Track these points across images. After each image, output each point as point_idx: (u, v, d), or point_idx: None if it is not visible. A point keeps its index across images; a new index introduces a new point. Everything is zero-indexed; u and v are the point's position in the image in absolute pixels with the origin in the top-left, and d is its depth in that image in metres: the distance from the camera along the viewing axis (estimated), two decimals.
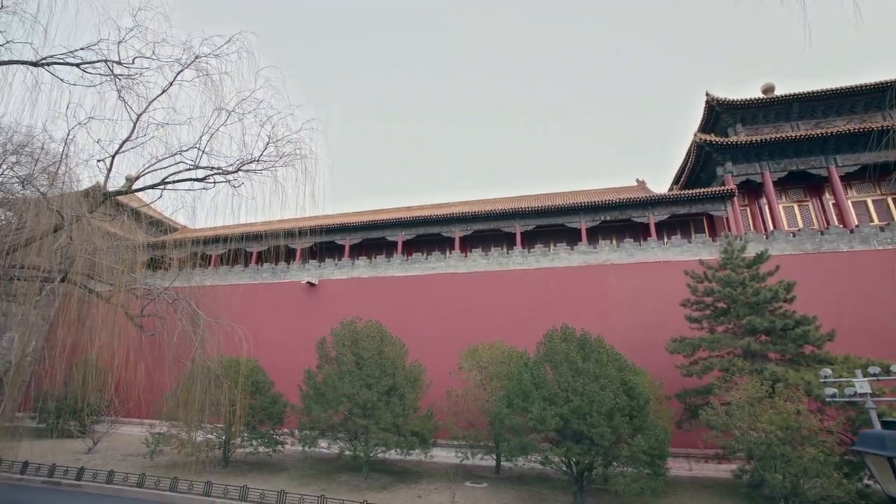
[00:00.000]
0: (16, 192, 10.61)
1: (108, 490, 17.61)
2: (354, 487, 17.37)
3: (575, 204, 27.82)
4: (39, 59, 9.73)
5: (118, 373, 10.81)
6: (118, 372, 10.78)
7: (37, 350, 15.14)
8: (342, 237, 31.36)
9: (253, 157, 10.02)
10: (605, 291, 25.27)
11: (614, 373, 15.39)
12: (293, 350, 25.71)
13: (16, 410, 18.29)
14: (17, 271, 8.47)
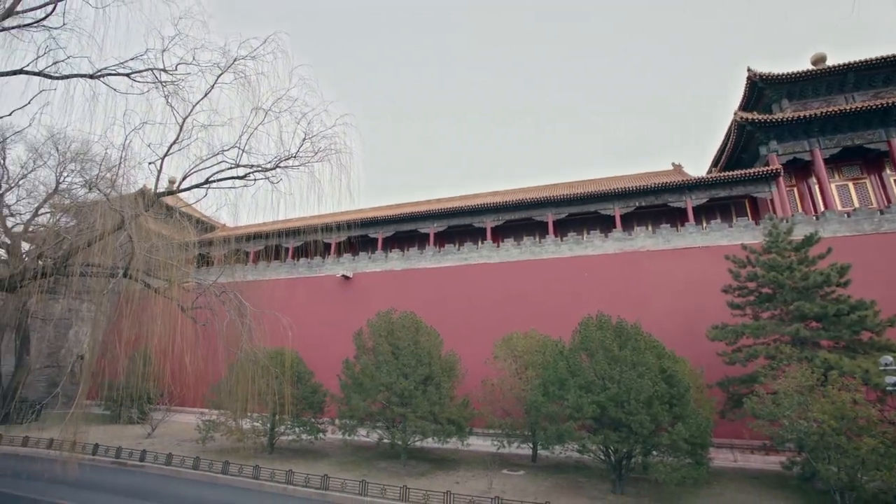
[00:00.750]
0: (79, 195, 11.48)
1: (167, 471, 18.90)
2: (394, 473, 17.88)
3: (608, 190, 27.17)
4: (96, 72, 10.46)
5: (172, 363, 11.54)
6: (172, 362, 11.51)
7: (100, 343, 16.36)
8: (375, 231, 31.94)
9: (290, 154, 10.44)
10: (641, 279, 24.66)
11: (652, 360, 15.09)
12: (330, 341, 26.55)
13: (84, 398, 19.98)
14: (88, 268, 9.22)
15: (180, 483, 17.37)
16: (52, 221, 11.85)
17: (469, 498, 14.10)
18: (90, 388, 34.11)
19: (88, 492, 15.63)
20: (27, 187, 28.72)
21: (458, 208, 30.25)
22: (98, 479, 17.58)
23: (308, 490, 15.90)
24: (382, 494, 14.96)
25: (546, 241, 27.44)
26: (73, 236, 8.93)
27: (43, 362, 36.24)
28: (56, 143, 26.18)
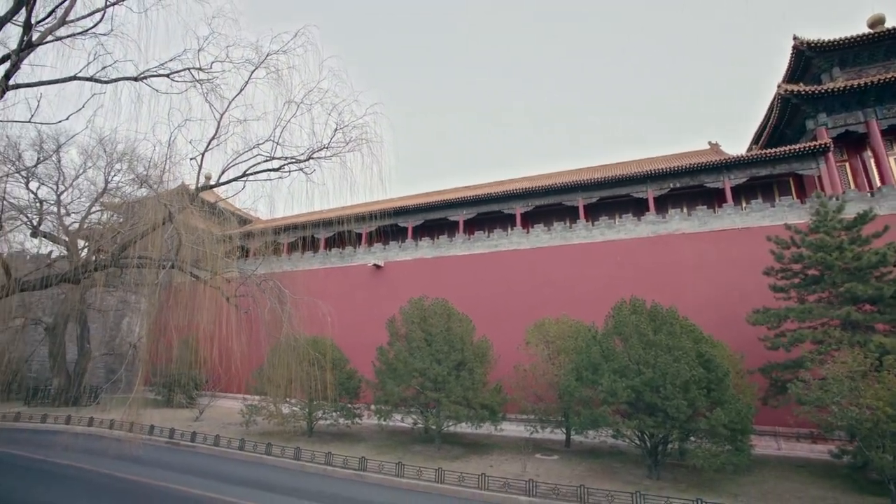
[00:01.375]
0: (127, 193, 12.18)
1: (216, 452, 20.07)
2: (428, 457, 18.31)
3: (641, 172, 26.35)
4: (139, 74, 11.00)
5: (217, 351, 12.13)
6: (217, 350, 12.09)
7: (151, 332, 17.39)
8: (404, 219, 32.24)
9: (322, 145, 10.71)
10: (677, 262, 23.94)
11: (689, 344, 14.74)
12: (362, 329, 27.18)
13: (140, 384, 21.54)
14: (140, 260, 9.85)
15: (228, 462, 18.40)
16: (107, 218, 12.65)
17: (503, 480, 14.32)
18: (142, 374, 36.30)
19: (148, 468, 16.82)
20: (80, 188, 30.65)
21: (487, 195, 30.10)
22: (155, 457, 18.87)
23: (346, 471, 16.54)
24: (418, 476, 15.38)
25: (577, 226, 27.00)
26: (125, 230, 9.53)
27: (101, 350, 38.94)
28: (104, 146, 27.75)
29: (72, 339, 35.63)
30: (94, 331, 37.98)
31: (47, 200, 28.23)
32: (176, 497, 13.61)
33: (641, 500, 12.46)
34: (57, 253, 28.79)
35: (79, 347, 35.48)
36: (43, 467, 17.02)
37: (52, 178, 28.75)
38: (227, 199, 13.29)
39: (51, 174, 28.52)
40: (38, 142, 23.92)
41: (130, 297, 38.13)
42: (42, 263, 24.03)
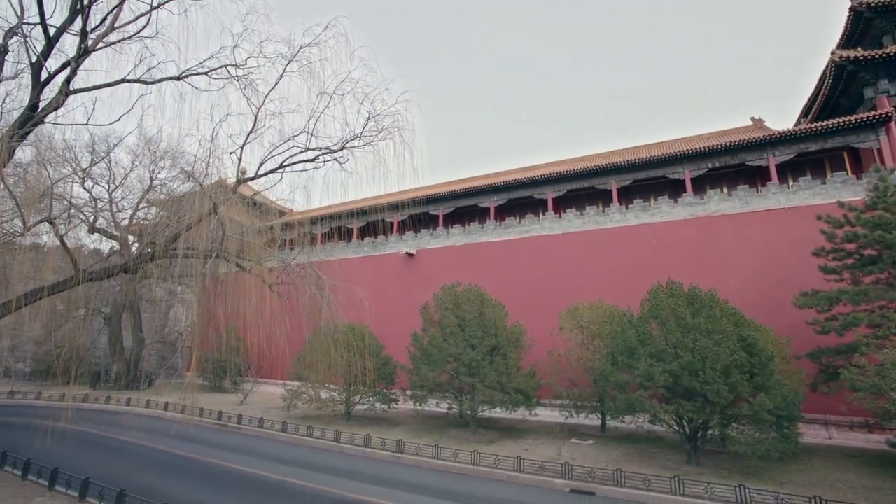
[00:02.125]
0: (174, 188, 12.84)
1: (261, 433, 21.15)
2: (464, 440, 18.63)
3: (677, 152, 25.29)
4: (181, 74, 11.51)
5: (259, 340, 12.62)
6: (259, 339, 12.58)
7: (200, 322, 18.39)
8: (435, 207, 32.36)
9: (355, 134, 10.93)
10: (716, 245, 23.03)
11: (730, 328, 14.25)
12: (395, 317, 27.70)
13: (193, 371, 23.03)
14: (188, 251, 10.44)
15: (272, 443, 19.36)
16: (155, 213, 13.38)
17: (539, 463, 14.42)
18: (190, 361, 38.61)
19: (200, 446, 17.97)
20: (128, 186, 32.52)
21: (518, 181, 29.75)
22: (206, 437, 20.11)
23: (384, 453, 17.08)
24: (454, 458, 15.71)
25: (610, 210, 26.36)
26: (173, 223, 10.11)
27: (152, 338, 41.49)
28: (149, 145, 29.28)
29: (126, 329, 38.14)
30: (145, 320, 40.48)
31: (101, 199, 30.11)
32: (226, 473, 14.49)
33: (680, 484, 12.28)
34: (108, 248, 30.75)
35: (133, 336, 37.96)
36: (109, 443, 18.48)
37: (104, 177, 30.62)
38: (262, 191, 13.74)
39: (103, 174, 30.37)
40: (91, 144, 25.43)
41: (177, 289, 40.38)
42: (98, 258, 25.78)
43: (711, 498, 11.76)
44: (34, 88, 9.37)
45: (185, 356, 43.69)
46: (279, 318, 12.62)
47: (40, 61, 9.24)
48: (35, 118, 9.14)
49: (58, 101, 9.38)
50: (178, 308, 44.38)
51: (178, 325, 44.43)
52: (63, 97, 9.35)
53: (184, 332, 43.89)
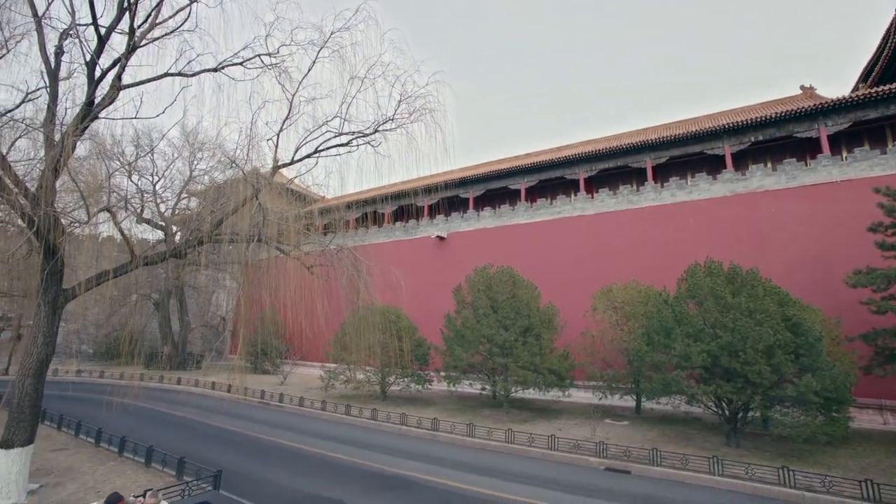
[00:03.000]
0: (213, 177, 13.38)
1: (301, 411, 22.13)
2: (497, 420, 18.91)
3: (716, 127, 24.14)
4: (218, 65, 11.88)
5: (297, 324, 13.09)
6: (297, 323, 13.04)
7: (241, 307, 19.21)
8: (465, 190, 32.33)
9: (387, 117, 11.05)
10: (759, 222, 22.04)
11: (773, 307, 13.74)
12: (427, 299, 28.10)
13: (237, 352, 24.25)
14: (231, 236, 10.97)
15: (312, 421, 20.24)
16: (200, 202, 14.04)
17: (573, 441, 14.51)
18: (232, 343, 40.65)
19: (246, 422, 19.03)
20: (170, 177, 34.08)
21: (549, 161, 29.23)
22: (250, 413, 21.26)
23: (420, 431, 17.58)
24: (488, 436, 16.01)
25: (645, 189, 25.60)
26: (217, 209, 10.61)
27: (197, 323, 43.83)
28: (188, 137, 30.50)
29: (173, 313, 40.41)
30: (190, 306, 42.76)
31: (146, 190, 31.73)
32: (272, 446, 15.33)
33: (718, 464, 12.10)
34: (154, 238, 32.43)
35: (180, 320, 40.21)
36: (165, 418, 19.86)
37: (148, 170, 32.20)
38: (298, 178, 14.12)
39: (147, 167, 31.94)
40: (136, 138, 26.71)
41: (219, 276, 42.39)
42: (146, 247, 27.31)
43: (752, 479, 11.52)
44: (89, 86, 9.95)
45: (228, 340, 46.06)
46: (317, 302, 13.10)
47: (94, 59, 9.78)
48: (91, 113, 9.74)
49: (111, 96, 9.93)
50: (219, 294, 46.63)
51: (220, 310, 46.73)
52: (115, 92, 9.89)
53: (226, 317, 46.20)
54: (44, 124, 9.89)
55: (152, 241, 30.88)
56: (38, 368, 9.61)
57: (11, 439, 9.33)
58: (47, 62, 10.49)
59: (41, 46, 10.42)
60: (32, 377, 9.51)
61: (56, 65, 10.63)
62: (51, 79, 10.30)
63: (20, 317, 20.82)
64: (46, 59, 10.45)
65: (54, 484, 10.41)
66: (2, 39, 11.10)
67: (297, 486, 11.24)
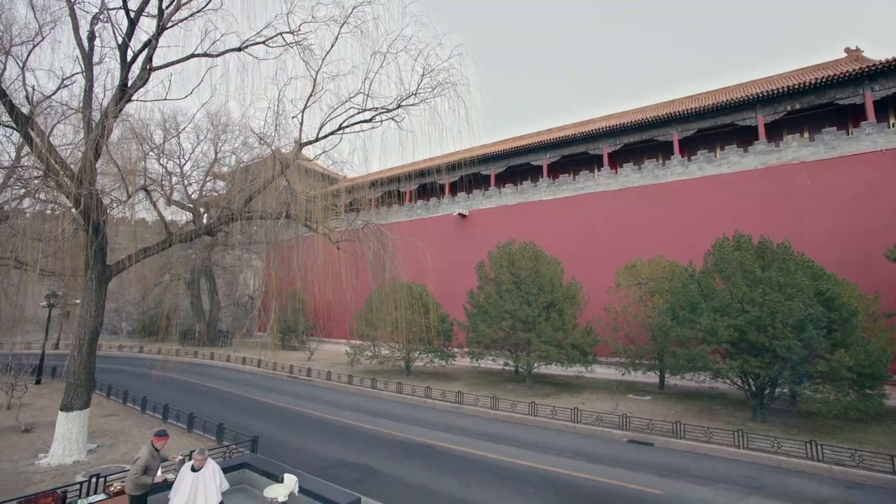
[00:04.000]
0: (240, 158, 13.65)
1: (328, 385, 22.94)
2: (520, 394, 19.21)
3: (749, 96, 23.09)
4: (242, 44, 12.02)
5: (323, 301, 13.48)
6: (323, 300, 13.44)
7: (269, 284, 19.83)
8: (487, 167, 32.09)
9: (410, 92, 11.03)
10: (792, 197, 21.25)
11: (805, 281, 13.38)
12: (449, 277, 28.33)
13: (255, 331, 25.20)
14: (262, 213, 11.30)
15: (339, 394, 20.98)
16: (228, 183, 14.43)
17: (596, 414, 14.69)
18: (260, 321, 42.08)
19: (277, 394, 19.90)
20: (196, 160, 34.93)
21: (571, 136, 28.63)
22: (280, 387, 22.19)
23: (444, 404, 18.04)
24: (512, 409, 16.33)
25: (671, 163, 24.88)
26: (247, 186, 10.91)
27: (226, 301, 45.50)
28: (211, 119, 31.07)
29: (204, 292, 42.03)
30: (219, 285, 44.37)
31: (175, 173, 32.65)
32: (302, 416, 16.04)
33: (744, 438, 12.07)
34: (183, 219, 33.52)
35: (210, 299, 41.82)
36: (201, 389, 20.94)
37: (174, 153, 33.05)
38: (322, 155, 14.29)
39: (174, 150, 32.78)
40: (163, 122, 27.35)
41: (246, 255, 43.69)
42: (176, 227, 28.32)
43: (778, 452, 11.49)
44: (122, 68, 10.25)
45: (256, 317, 47.73)
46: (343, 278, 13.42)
47: (125, 42, 10.04)
48: (126, 95, 10.06)
49: (142, 77, 10.21)
50: (247, 273, 48.15)
51: (247, 290, 48.32)
52: (147, 74, 10.17)
53: (253, 296, 47.80)
54: (82, 108, 10.28)
55: (181, 222, 31.94)
56: (91, 338, 10.28)
57: (71, 403, 10.10)
58: (81, 46, 10.82)
59: (75, 31, 10.74)
60: (86, 347, 10.19)
61: (90, 49, 10.95)
62: (86, 62, 10.64)
63: (66, 295, 22.02)
64: (80, 43, 10.78)
65: (109, 445, 11.24)
66: (37, 26, 11.50)
67: (327, 453, 11.81)
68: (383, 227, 12.60)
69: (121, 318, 46.19)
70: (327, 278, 12.97)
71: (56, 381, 21.52)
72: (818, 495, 9.30)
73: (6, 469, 9.59)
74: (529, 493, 9.24)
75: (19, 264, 15.45)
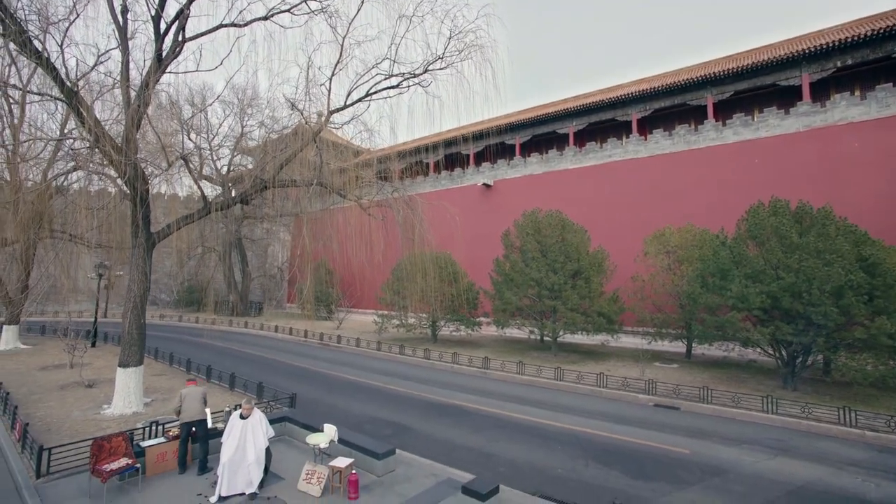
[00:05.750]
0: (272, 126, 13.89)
1: (358, 351, 23.80)
2: (546, 360, 19.50)
3: (794, 53, 21.67)
4: (268, 13, 12.03)
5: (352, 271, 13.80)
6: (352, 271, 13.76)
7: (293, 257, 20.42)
8: (511, 136, 31.53)
9: (437, 56, 10.90)
10: (840, 158, 20.17)
11: (846, 247, 12.91)
12: (474, 248, 28.45)
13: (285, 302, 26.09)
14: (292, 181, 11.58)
15: (368, 359, 21.77)
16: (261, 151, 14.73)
17: (622, 379, 14.85)
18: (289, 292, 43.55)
19: (310, 359, 20.81)
20: (221, 134, 35.53)
21: (599, 102, 27.70)
22: (312, 352, 23.16)
23: (471, 369, 18.52)
24: (538, 374, 16.66)
25: (704, 127, 23.88)
26: (278, 153, 11.17)
27: (256, 273, 47.13)
28: (237, 94, 31.38)
29: (235, 265, 43.62)
30: (249, 258, 45.91)
31: (203, 148, 33.36)
32: (335, 379, 16.80)
33: (773, 404, 12.01)
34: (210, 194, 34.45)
35: (241, 271, 43.40)
36: (238, 355, 22.08)
37: (203, 128, 33.65)
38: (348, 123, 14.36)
39: (202, 125, 33.35)
40: (191, 97, 27.80)
41: (274, 228, 44.87)
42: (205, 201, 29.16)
43: (809, 418, 11.42)
44: (156, 40, 10.49)
45: (285, 288, 49.39)
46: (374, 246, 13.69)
47: (158, 13, 10.23)
48: (161, 66, 10.33)
49: (175, 49, 10.44)
50: (275, 246, 49.56)
51: (276, 262, 49.85)
52: (181, 45, 10.38)
53: (282, 267, 49.32)
54: (121, 80, 10.62)
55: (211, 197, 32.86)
56: (140, 301, 11.00)
57: (127, 360, 10.92)
58: (116, 21, 11.07)
59: (110, 5, 10.97)
60: (137, 309, 10.92)
61: (123, 22, 11.21)
62: (121, 36, 10.91)
63: (111, 267, 23.28)
64: (115, 17, 11.02)
65: (161, 399, 12.16)
66: (71, 3, 11.79)
67: (360, 411, 12.42)
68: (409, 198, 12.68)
69: (160, 289, 48.57)
70: (357, 248, 13.27)
71: (108, 344, 23.08)
72: (850, 457, 9.30)
73: (78, 417, 10.59)
74: (557, 449, 9.57)
75: (71, 237, 16.44)
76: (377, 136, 13.46)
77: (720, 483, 7.94)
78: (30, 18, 9.98)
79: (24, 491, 6.79)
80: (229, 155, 36.44)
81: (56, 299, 23.64)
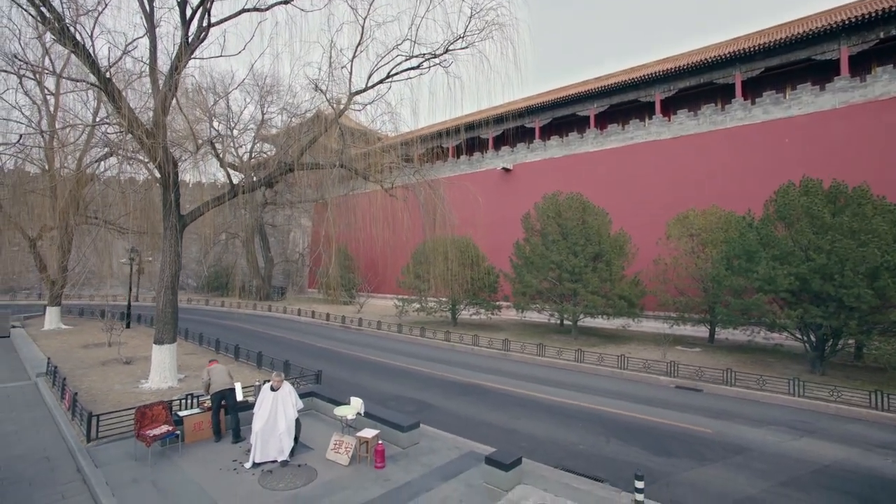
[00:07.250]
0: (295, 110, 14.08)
1: (379, 334, 24.23)
2: (566, 343, 19.49)
3: (831, 25, 20.63)
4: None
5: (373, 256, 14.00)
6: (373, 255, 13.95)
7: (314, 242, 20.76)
8: (531, 119, 31.13)
9: (458, 35, 10.81)
10: (877, 136, 19.27)
11: (883, 227, 12.47)
12: (493, 232, 28.43)
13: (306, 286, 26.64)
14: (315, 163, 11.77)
15: (389, 341, 22.17)
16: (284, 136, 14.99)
17: (644, 361, 14.79)
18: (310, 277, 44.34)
19: (332, 341, 21.32)
20: (242, 121, 36.02)
21: (621, 83, 27.02)
22: (334, 335, 23.70)
23: (491, 351, 18.70)
24: (558, 356, 16.73)
25: (732, 107, 23.10)
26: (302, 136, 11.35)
27: (278, 258, 48.16)
28: (258, 81, 31.71)
29: (258, 251, 44.66)
30: (271, 244, 46.90)
31: (226, 135, 33.92)
32: (358, 360, 17.22)
33: (800, 386, 11.81)
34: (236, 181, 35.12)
35: (264, 257, 44.42)
36: (264, 336, 22.77)
37: (224, 115, 34.20)
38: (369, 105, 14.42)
39: (223, 113, 33.89)
40: (213, 85, 28.22)
41: (295, 214, 45.60)
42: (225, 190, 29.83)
43: (837, 401, 11.22)
44: (182, 25, 10.70)
45: (306, 274, 50.39)
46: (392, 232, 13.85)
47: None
48: (188, 51, 10.56)
49: (200, 34, 10.64)
50: (296, 232, 50.46)
51: (297, 247, 50.80)
52: (206, 30, 10.57)
53: (303, 253, 50.25)
54: (149, 65, 10.91)
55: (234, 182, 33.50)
56: (172, 281, 11.46)
57: (162, 338, 11.46)
58: (144, 8, 11.31)
59: None
60: (170, 289, 11.39)
61: (150, 10, 11.45)
62: (149, 23, 11.15)
63: (141, 252, 24.13)
64: (143, 4, 11.26)
65: (194, 376, 12.71)
66: None
67: (384, 389, 12.75)
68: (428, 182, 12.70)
69: (187, 275, 50.17)
70: (381, 230, 13.42)
71: (142, 325, 24.09)
72: (881, 439, 9.14)
73: (119, 390, 11.23)
74: (578, 427, 9.68)
75: (105, 223, 17.10)
76: (398, 119, 13.51)
77: (742, 461, 7.93)
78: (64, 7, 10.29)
79: (78, 454, 7.29)
80: (250, 142, 37.03)
81: (91, 283, 24.71)
